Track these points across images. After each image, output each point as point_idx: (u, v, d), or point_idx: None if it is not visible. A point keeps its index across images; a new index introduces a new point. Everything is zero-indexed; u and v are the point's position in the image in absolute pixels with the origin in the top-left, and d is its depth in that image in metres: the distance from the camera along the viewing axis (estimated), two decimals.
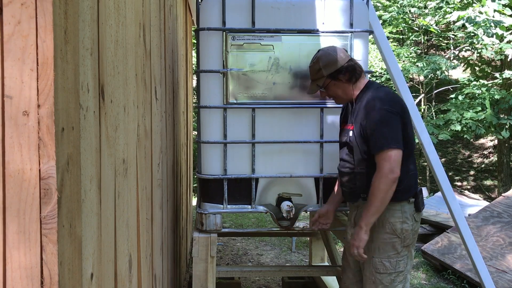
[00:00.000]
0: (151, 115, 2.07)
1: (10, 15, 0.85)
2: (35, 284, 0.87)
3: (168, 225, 2.80)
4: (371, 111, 2.32)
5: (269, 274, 4.10)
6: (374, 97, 2.36)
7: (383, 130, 2.28)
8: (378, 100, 2.34)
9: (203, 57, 2.73)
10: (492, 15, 7.89)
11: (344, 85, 2.44)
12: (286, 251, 5.60)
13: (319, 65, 2.43)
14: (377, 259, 2.39)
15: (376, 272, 2.39)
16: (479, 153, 13.79)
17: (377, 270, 2.39)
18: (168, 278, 2.79)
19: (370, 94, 2.39)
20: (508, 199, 5.43)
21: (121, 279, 1.45)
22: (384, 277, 2.38)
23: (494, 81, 9.51)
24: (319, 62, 2.43)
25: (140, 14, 1.82)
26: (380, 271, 2.38)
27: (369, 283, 2.42)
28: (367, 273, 2.44)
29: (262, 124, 2.73)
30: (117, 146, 1.41)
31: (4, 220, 0.87)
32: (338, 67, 2.41)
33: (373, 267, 2.40)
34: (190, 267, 4.20)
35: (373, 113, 2.31)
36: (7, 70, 0.85)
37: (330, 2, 2.75)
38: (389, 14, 10.87)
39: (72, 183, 0.97)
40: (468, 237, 3.20)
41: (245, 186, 2.76)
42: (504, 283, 4.17)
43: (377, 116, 2.30)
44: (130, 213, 1.59)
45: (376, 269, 2.39)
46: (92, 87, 1.14)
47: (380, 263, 2.38)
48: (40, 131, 0.86)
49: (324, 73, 2.42)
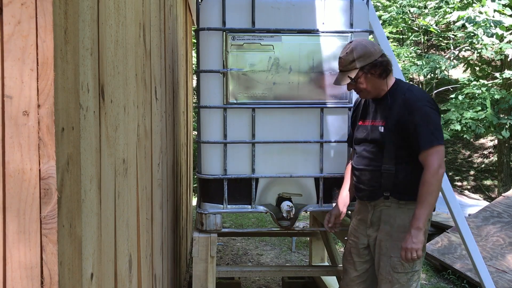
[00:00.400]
0: (151, 115, 2.07)
1: (10, 15, 0.85)
2: (35, 284, 0.87)
3: (168, 225, 2.80)
4: (413, 108, 2.29)
5: (269, 274, 4.10)
6: (413, 93, 2.35)
7: (430, 126, 2.27)
8: (419, 96, 2.34)
9: (203, 57, 2.73)
10: (492, 15, 7.88)
11: (375, 80, 2.37)
12: (286, 251, 5.60)
13: (353, 56, 2.34)
14: (396, 258, 2.35)
15: (394, 272, 2.36)
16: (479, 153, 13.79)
17: (395, 269, 2.36)
18: (168, 278, 2.79)
19: (406, 91, 2.37)
20: (508, 199, 5.43)
21: (121, 279, 1.45)
22: (401, 276, 2.36)
23: (494, 81, 9.51)
24: (353, 53, 2.34)
25: (140, 14, 1.82)
26: (398, 270, 2.35)
27: (385, 282, 2.39)
28: (383, 272, 2.40)
29: (262, 124, 2.73)
30: (117, 146, 1.41)
31: (4, 220, 0.87)
32: (372, 60, 2.34)
33: (390, 266, 2.37)
34: (190, 267, 4.20)
35: (418, 109, 2.29)
36: (7, 70, 0.85)
37: (330, 2, 2.75)
38: (389, 14, 10.87)
39: (72, 183, 0.97)
40: (468, 237, 3.20)
41: (245, 186, 2.76)
42: (504, 283, 4.17)
43: (422, 113, 2.28)
44: (130, 213, 1.59)
45: (394, 268, 2.36)
46: (92, 87, 1.14)
47: (399, 262, 2.35)
48: (40, 131, 0.86)
49: (358, 65, 2.34)
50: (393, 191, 2.36)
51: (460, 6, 9.36)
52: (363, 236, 2.51)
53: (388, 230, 2.38)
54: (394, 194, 2.36)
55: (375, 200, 2.43)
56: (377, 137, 2.39)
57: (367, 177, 2.44)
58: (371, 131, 2.43)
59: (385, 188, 2.37)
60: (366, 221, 2.50)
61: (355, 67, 2.35)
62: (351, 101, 2.78)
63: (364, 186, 2.46)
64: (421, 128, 2.26)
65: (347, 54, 2.37)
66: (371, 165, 2.42)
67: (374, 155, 2.41)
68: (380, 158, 2.38)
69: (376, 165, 2.40)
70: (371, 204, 2.46)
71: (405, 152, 2.34)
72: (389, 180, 2.36)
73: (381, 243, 2.41)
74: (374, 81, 2.38)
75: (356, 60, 2.34)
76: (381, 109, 2.42)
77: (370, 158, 2.43)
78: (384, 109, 2.40)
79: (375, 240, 2.45)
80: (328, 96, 2.77)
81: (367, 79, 2.37)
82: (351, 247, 2.57)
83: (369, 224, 2.47)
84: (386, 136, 2.35)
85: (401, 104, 2.33)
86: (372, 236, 2.46)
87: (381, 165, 2.37)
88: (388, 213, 2.39)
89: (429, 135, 2.25)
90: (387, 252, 2.38)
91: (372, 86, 2.39)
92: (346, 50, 2.39)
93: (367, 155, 2.44)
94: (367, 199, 2.47)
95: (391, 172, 2.35)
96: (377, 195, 2.41)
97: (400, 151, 2.34)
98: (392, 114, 2.35)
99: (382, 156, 2.38)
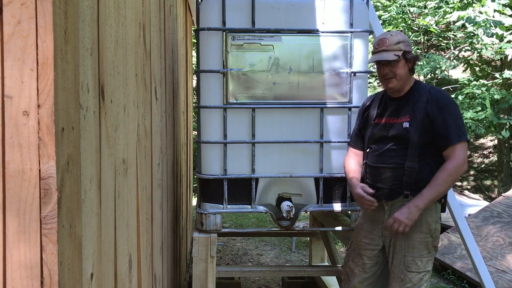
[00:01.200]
0: (151, 115, 2.07)
1: (10, 15, 0.85)
2: (35, 284, 0.87)
3: (168, 225, 2.80)
4: (442, 105, 2.35)
5: (269, 274, 4.10)
6: (439, 91, 2.42)
7: (458, 122, 2.34)
8: (445, 94, 2.41)
9: (203, 57, 2.73)
10: (492, 15, 7.88)
11: (407, 72, 2.42)
12: (286, 251, 5.60)
13: (398, 38, 2.38)
14: (410, 257, 2.36)
15: (407, 271, 2.36)
16: (479, 153, 13.79)
17: (408, 268, 2.36)
18: (168, 278, 2.79)
19: (430, 89, 2.43)
20: (508, 199, 5.43)
21: (121, 279, 1.45)
22: (414, 275, 2.36)
23: (494, 81, 9.51)
24: (398, 35, 2.39)
25: (140, 14, 1.82)
26: (412, 269, 2.36)
27: (397, 280, 2.39)
28: (396, 270, 2.40)
29: (262, 124, 2.73)
30: (117, 146, 1.41)
31: (4, 220, 0.87)
32: (411, 50, 2.42)
33: (404, 265, 2.37)
34: (190, 267, 4.20)
35: (445, 106, 2.34)
36: (7, 70, 0.85)
37: (330, 2, 2.75)
38: (389, 14, 10.86)
39: (72, 183, 0.97)
40: (468, 237, 3.20)
41: (245, 186, 2.76)
42: (504, 283, 4.17)
43: (451, 109, 2.34)
44: (130, 213, 1.59)
45: (407, 267, 2.36)
46: (92, 87, 1.14)
47: (412, 261, 2.35)
48: (40, 131, 0.86)
49: (403, 47, 2.37)
50: (414, 189, 2.34)
51: (460, 6, 9.36)
52: (378, 237, 2.48)
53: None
54: (414, 193, 2.34)
55: (393, 200, 2.41)
56: (401, 133, 2.38)
57: (388, 174, 2.41)
58: (392, 128, 2.42)
59: (407, 186, 2.35)
60: (380, 222, 2.46)
61: (400, 48, 2.37)
62: (351, 101, 2.78)
63: (383, 184, 2.42)
64: (450, 123, 2.31)
65: (392, 36, 2.39)
66: (393, 163, 2.40)
67: (395, 152, 2.40)
68: (402, 155, 2.37)
69: (398, 162, 2.38)
70: (388, 204, 2.43)
71: (428, 150, 2.35)
72: (411, 178, 2.35)
73: (396, 242, 2.41)
74: (406, 72, 2.42)
75: (401, 43, 2.38)
76: (405, 105, 2.43)
77: (390, 156, 2.41)
78: (409, 105, 2.41)
79: (390, 241, 2.44)
80: (328, 96, 2.77)
81: (403, 67, 2.40)
82: (363, 249, 2.53)
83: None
84: (412, 132, 2.36)
85: (428, 100, 2.37)
86: (388, 237, 2.44)
87: (404, 163, 2.36)
88: None
89: (458, 130, 2.31)
90: (401, 251, 2.38)
91: (405, 75, 2.42)
92: (389, 33, 2.42)
93: (386, 153, 2.42)
94: (386, 198, 2.43)
95: (414, 169, 2.34)
96: (397, 194, 2.39)
97: (424, 149, 2.35)
98: (419, 109, 2.37)
99: (405, 153, 2.37)
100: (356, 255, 2.57)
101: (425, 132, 2.34)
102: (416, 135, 2.34)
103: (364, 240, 2.53)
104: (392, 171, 2.40)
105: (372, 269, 2.53)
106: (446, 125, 2.32)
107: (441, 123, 2.32)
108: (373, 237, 2.50)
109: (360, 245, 2.55)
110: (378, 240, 2.49)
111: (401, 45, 2.37)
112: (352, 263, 2.58)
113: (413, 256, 2.35)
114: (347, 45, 2.74)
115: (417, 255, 2.36)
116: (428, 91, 2.40)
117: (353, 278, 2.57)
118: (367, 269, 2.53)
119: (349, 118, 2.79)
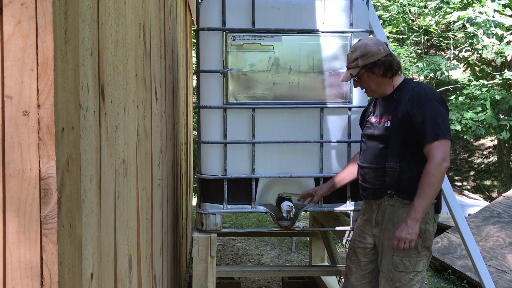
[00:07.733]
0: (151, 115, 2.07)
1: (10, 15, 0.85)
2: (35, 284, 0.87)
3: (168, 225, 2.81)
4: (422, 101, 2.31)
5: (269, 274, 4.09)
6: (422, 88, 2.37)
7: (437, 120, 2.28)
8: (428, 91, 2.35)
9: (203, 57, 2.73)
10: (492, 15, 7.88)
11: (378, 79, 2.41)
12: (286, 251, 5.60)
13: (356, 54, 2.39)
14: (398, 257, 2.36)
15: (395, 270, 2.36)
16: (479, 153, 13.79)
17: (396, 268, 2.36)
18: (168, 278, 2.79)
19: (415, 86, 2.39)
20: (508, 199, 5.43)
21: (121, 279, 1.45)
22: (403, 275, 2.36)
23: (494, 81, 9.50)
24: (357, 51, 2.40)
25: (140, 14, 1.82)
26: (400, 269, 2.36)
27: (386, 279, 2.40)
28: (385, 269, 2.41)
29: (262, 124, 2.73)
30: (117, 146, 1.41)
31: (4, 220, 0.87)
32: (374, 60, 2.38)
33: (392, 264, 2.37)
34: (190, 267, 4.20)
35: (424, 103, 2.30)
36: (7, 70, 0.85)
37: (330, 2, 2.75)
38: (389, 14, 10.86)
39: (72, 183, 0.97)
40: (468, 237, 3.19)
41: (245, 186, 2.76)
42: (504, 283, 4.17)
43: (430, 106, 2.29)
44: (130, 213, 1.59)
45: (395, 267, 2.37)
46: (92, 87, 1.14)
47: (400, 261, 2.36)
48: (40, 131, 0.86)
49: (360, 64, 2.39)
50: (397, 189, 2.35)
51: (460, 6, 9.36)
52: (369, 236, 2.51)
53: (390, 228, 2.38)
54: (398, 193, 2.35)
55: (379, 199, 2.43)
56: (383, 133, 2.39)
57: (371, 175, 2.44)
58: (377, 127, 2.44)
59: (389, 186, 2.37)
60: (371, 221, 2.49)
61: (358, 65, 2.40)
62: (351, 101, 2.78)
63: (368, 184, 2.47)
64: (428, 121, 2.27)
65: (352, 52, 2.45)
66: (375, 163, 2.42)
67: (379, 152, 2.41)
68: (384, 155, 2.38)
69: (380, 162, 2.40)
70: (376, 203, 2.46)
71: (410, 150, 2.34)
72: (393, 178, 2.35)
73: (383, 241, 2.42)
74: (377, 80, 2.41)
75: (359, 59, 2.39)
76: (388, 104, 2.43)
77: (374, 156, 2.43)
78: (390, 104, 2.42)
79: (380, 240, 2.45)
80: (328, 96, 2.77)
81: (369, 78, 2.42)
82: (357, 247, 2.56)
83: (374, 224, 2.47)
84: (392, 131, 2.35)
85: (410, 98, 2.34)
86: (378, 236, 2.46)
87: (385, 163, 2.37)
88: (392, 212, 2.39)
89: (436, 128, 2.26)
90: (390, 250, 2.38)
91: (376, 84, 2.43)
92: (352, 48, 2.47)
93: (371, 152, 2.45)
94: (372, 197, 2.47)
95: (395, 169, 2.35)
96: (381, 194, 2.41)
97: (405, 148, 2.34)
98: (399, 107, 2.36)
99: (386, 153, 2.38)
100: (352, 253, 2.61)
101: (407, 131, 2.32)
102: (396, 134, 2.34)
103: (357, 238, 2.58)
104: (374, 171, 2.43)
105: (368, 266, 2.54)
106: (424, 122, 2.28)
107: (420, 120, 2.29)
108: (365, 235, 2.54)
109: (355, 243, 2.59)
110: (370, 238, 2.51)
111: (359, 61, 2.39)
112: (349, 261, 2.62)
113: (401, 256, 2.35)
114: (347, 45, 2.74)
115: (404, 255, 2.35)
116: (413, 89, 2.38)
117: (351, 275, 2.61)
118: (363, 267, 2.56)
119: (349, 118, 2.79)
